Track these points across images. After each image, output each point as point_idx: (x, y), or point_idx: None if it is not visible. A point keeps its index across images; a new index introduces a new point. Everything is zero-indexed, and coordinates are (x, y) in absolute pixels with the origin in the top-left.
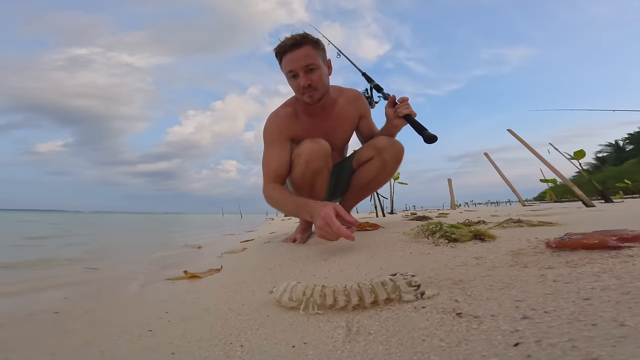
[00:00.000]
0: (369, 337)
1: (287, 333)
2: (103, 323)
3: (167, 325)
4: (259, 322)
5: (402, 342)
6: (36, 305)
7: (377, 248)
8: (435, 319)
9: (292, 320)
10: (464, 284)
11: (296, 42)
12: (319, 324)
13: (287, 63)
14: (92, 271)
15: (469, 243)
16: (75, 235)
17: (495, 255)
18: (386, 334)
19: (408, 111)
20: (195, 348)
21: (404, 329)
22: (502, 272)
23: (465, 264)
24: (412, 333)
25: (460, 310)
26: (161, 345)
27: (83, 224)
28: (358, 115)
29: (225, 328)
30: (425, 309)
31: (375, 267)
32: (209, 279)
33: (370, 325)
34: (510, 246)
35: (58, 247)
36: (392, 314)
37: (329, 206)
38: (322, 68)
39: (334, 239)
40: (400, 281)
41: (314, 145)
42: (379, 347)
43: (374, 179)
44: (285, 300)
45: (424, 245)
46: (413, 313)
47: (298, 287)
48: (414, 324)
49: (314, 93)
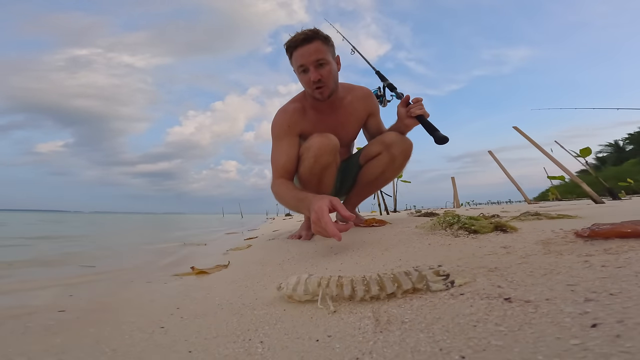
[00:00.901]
0: (403, 326)
1: (308, 327)
2: (111, 321)
3: (180, 321)
4: (276, 317)
5: (447, 329)
6: (38, 302)
7: (391, 241)
8: (481, 304)
9: (311, 314)
10: (500, 271)
11: (307, 37)
12: (342, 315)
13: (298, 58)
14: (95, 269)
15: (490, 234)
16: (78, 234)
17: (524, 245)
18: (424, 322)
19: (421, 112)
20: (213, 345)
21: (445, 316)
22: (539, 260)
23: (494, 253)
24: (458, 320)
25: (508, 296)
26: (176, 343)
27: (88, 223)
28: (367, 112)
29: (242, 324)
30: (464, 295)
31: (392, 259)
32: (217, 275)
33: (401, 314)
34: (536, 237)
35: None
36: (426, 302)
37: (324, 199)
38: (332, 64)
39: (326, 236)
40: (427, 271)
41: (324, 140)
42: (420, 335)
43: (381, 175)
44: (299, 293)
45: (443, 237)
46: (451, 300)
47: (312, 278)
48: (456, 310)
49: (323, 89)
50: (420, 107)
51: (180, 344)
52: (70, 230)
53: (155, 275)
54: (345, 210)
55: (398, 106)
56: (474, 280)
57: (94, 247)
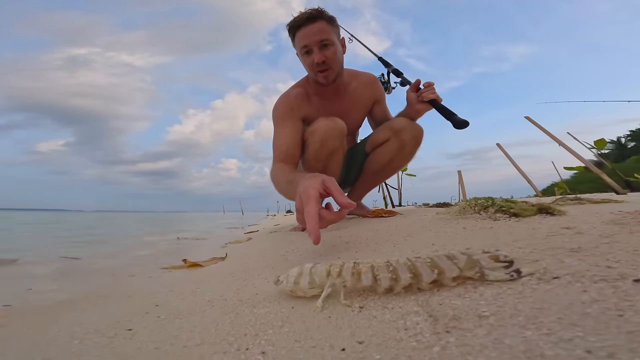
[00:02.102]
0: (483, 321)
1: (327, 330)
2: (65, 320)
3: (155, 322)
4: (282, 317)
5: (572, 322)
6: None
7: (411, 227)
8: (602, 288)
9: (328, 312)
10: (589, 251)
11: (311, 16)
12: (372, 312)
13: (301, 38)
14: (79, 261)
15: (535, 217)
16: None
17: (592, 226)
18: (519, 314)
19: (434, 96)
20: (194, 357)
21: (552, 306)
22: (630, 239)
23: (558, 233)
24: (578, 309)
25: (636, 277)
26: (141, 351)
27: (89, 222)
28: (372, 99)
29: (237, 326)
30: (560, 279)
31: (422, 245)
32: (212, 268)
33: (472, 306)
34: (598, 218)
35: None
36: (502, 290)
37: (314, 179)
38: (337, 45)
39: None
40: (480, 255)
41: (330, 123)
42: (526, 332)
43: (389, 163)
44: (304, 286)
45: (478, 220)
46: (544, 285)
47: (319, 267)
48: (565, 298)
49: (328, 73)
50: (432, 91)
51: (147, 353)
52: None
53: (142, 268)
54: (342, 195)
55: (407, 91)
56: (543, 268)
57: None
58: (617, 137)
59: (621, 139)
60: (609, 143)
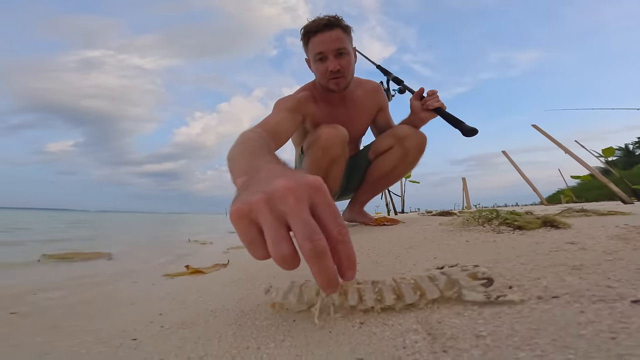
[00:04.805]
0: (480, 341)
1: (328, 345)
2: (72, 328)
3: (159, 332)
4: (283, 330)
5: (566, 344)
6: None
7: (414, 238)
8: (599, 309)
9: (329, 326)
10: (590, 268)
11: (329, 23)
12: (372, 329)
13: (317, 44)
14: (73, 265)
15: (539, 231)
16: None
17: (596, 241)
18: (515, 335)
19: (439, 104)
20: None
21: (548, 327)
22: (634, 256)
23: (561, 249)
24: (573, 330)
25: (635, 297)
26: None
27: (95, 222)
28: (376, 107)
29: (239, 338)
30: (559, 298)
31: (424, 257)
32: (215, 275)
33: (469, 325)
34: (603, 232)
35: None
36: (502, 309)
37: (280, 179)
38: (352, 55)
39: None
40: (458, 274)
41: (332, 131)
42: (520, 354)
43: (393, 170)
44: (292, 301)
45: (482, 233)
46: (543, 305)
47: (309, 284)
48: (561, 319)
49: (340, 80)
50: (437, 99)
51: None
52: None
53: (145, 274)
54: (335, 218)
55: (411, 99)
56: (544, 286)
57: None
58: (625, 144)
59: (629, 145)
60: (617, 150)
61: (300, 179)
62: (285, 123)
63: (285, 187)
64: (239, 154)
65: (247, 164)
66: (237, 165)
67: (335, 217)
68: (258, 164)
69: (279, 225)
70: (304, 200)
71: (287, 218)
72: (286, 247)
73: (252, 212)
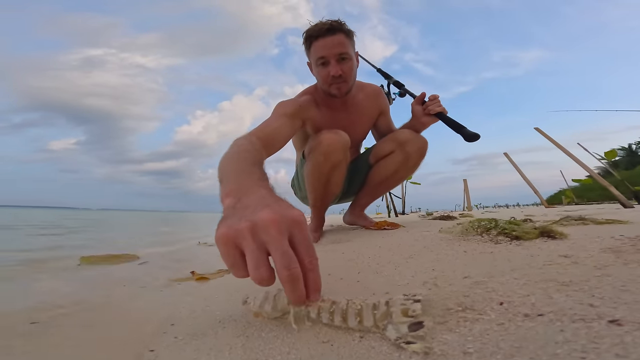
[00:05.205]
0: (467, 358)
1: (330, 357)
2: (88, 338)
3: (173, 343)
4: (288, 343)
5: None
6: (15, 308)
7: (413, 247)
8: (577, 328)
9: (329, 338)
10: (578, 285)
11: (332, 27)
12: (371, 342)
13: (319, 49)
14: (83, 268)
15: (536, 241)
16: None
17: (589, 254)
18: (499, 352)
19: (441, 109)
20: None
21: (529, 345)
22: (622, 272)
23: (554, 262)
24: (551, 349)
25: (612, 317)
26: None
27: (99, 220)
28: (377, 111)
29: (248, 350)
30: (544, 316)
31: (422, 269)
32: (219, 282)
33: (459, 342)
34: (597, 244)
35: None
36: (491, 326)
37: (266, 210)
38: (354, 60)
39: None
40: (397, 306)
41: (333, 136)
42: None
43: (394, 174)
44: (267, 310)
45: (480, 243)
46: (528, 322)
47: (282, 293)
48: (542, 337)
49: (342, 85)
50: (438, 104)
51: None
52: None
53: (152, 278)
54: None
55: (412, 104)
56: (531, 303)
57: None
58: (629, 144)
59: (632, 145)
60: (620, 150)
61: (284, 212)
62: (282, 130)
63: (269, 219)
64: (230, 167)
65: (238, 184)
66: (227, 181)
67: (308, 249)
68: (248, 185)
69: (260, 253)
70: (285, 233)
71: (267, 247)
72: (265, 272)
73: (237, 238)
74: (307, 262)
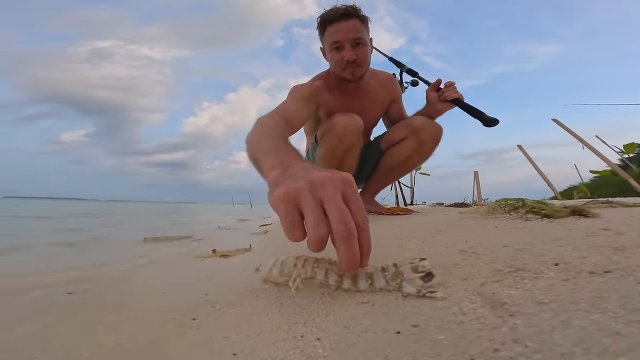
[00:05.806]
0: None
1: (375, 316)
2: (142, 307)
3: (212, 311)
4: (325, 306)
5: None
6: (54, 279)
7: (437, 225)
8: None
9: (371, 301)
10: (631, 250)
11: (347, 12)
12: (420, 300)
13: (334, 33)
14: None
15: (568, 219)
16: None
17: (629, 227)
18: (584, 302)
19: (457, 95)
20: (259, 346)
21: (613, 295)
22: None
23: (597, 234)
24: (634, 296)
25: None
26: (213, 341)
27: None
28: (390, 98)
29: (285, 315)
30: (611, 273)
31: (454, 241)
32: (241, 258)
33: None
34: (634, 220)
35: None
36: (553, 283)
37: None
38: (368, 45)
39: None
40: (405, 266)
41: (348, 119)
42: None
43: (407, 160)
44: (275, 275)
45: (509, 220)
46: (599, 278)
47: (288, 260)
48: (620, 289)
49: (356, 70)
50: (455, 90)
51: (219, 342)
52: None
53: (175, 255)
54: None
55: (427, 90)
56: (592, 263)
57: None
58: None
59: None
60: (637, 146)
61: (335, 173)
62: (300, 112)
63: (325, 177)
64: (265, 144)
65: (280, 158)
66: (268, 156)
67: (361, 208)
68: (289, 158)
69: (320, 210)
70: (339, 190)
71: (324, 203)
72: (324, 230)
73: (297, 196)
74: (361, 222)
